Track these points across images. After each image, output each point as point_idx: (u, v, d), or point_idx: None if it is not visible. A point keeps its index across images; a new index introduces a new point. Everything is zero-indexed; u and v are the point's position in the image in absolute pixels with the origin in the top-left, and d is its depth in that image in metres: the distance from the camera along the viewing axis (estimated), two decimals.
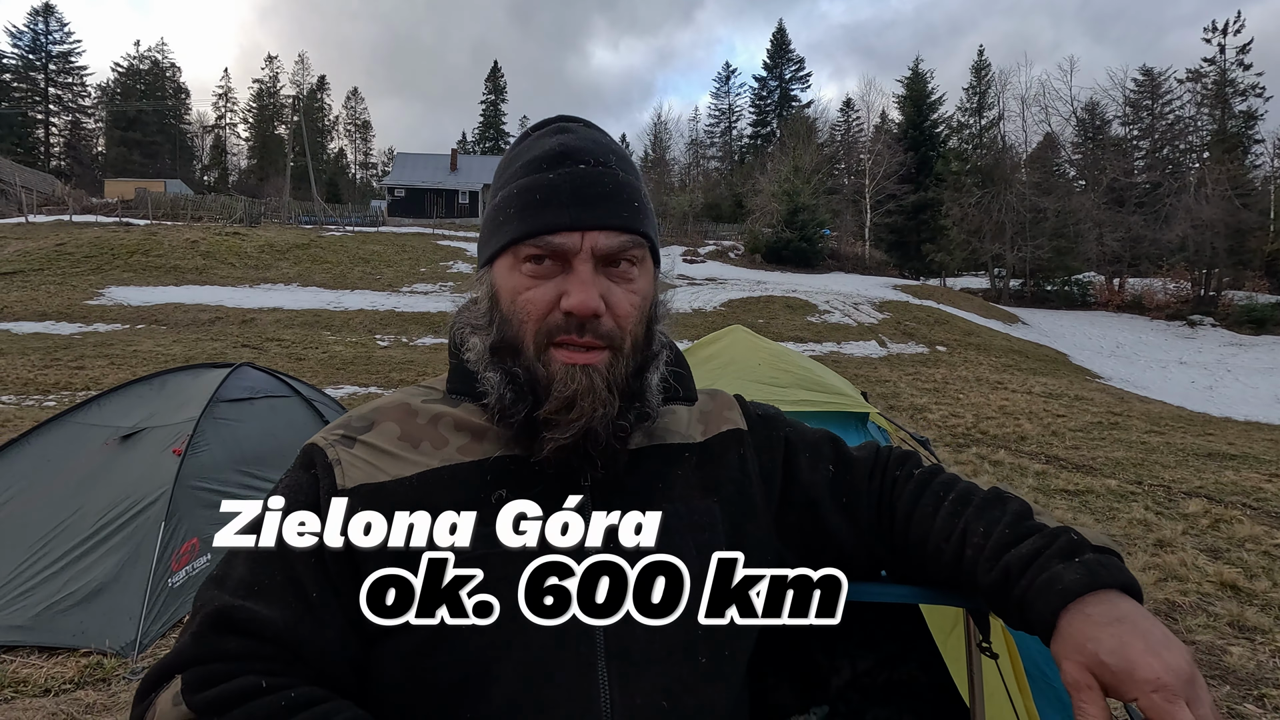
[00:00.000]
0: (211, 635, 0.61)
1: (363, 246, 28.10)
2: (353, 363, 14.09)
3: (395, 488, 0.68)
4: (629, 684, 0.64)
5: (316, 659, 0.63)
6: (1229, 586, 3.99)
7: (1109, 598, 0.62)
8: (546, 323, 0.67)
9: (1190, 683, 0.56)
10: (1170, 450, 8.32)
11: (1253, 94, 35.66)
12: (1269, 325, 26.60)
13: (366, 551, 0.65)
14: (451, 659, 0.63)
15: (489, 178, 52.80)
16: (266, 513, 0.68)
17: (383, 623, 0.64)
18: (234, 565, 0.66)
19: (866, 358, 18.13)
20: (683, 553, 0.70)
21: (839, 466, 0.84)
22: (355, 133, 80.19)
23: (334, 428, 0.73)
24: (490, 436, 0.71)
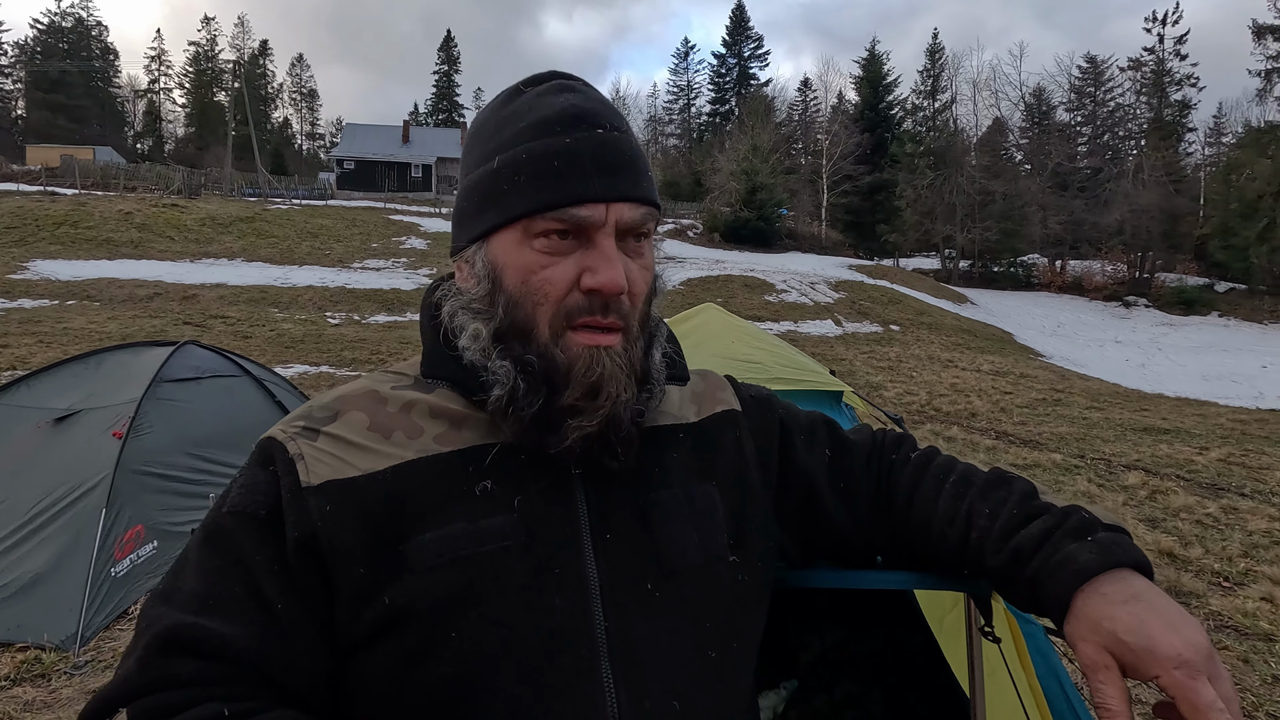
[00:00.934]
0: (160, 659, 0.54)
1: (311, 220, 27.09)
2: (303, 341, 13.63)
3: (367, 483, 0.60)
4: (637, 685, 0.59)
5: (284, 677, 0.56)
6: (1166, 554, 4.21)
7: (1123, 576, 0.61)
8: (565, 304, 0.61)
9: (1210, 659, 0.55)
10: (1109, 425, 8.72)
11: (1188, 84, 37.20)
12: (1197, 306, 28.06)
13: (339, 555, 0.58)
14: (442, 668, 0.57)
15: (443, 150, 50.96)
16: (220, 515, 0.61)
17: (361, 633, 0.58)
18: (183, 577, 0.59)
19: (823, 337, 18.44)
20: (684, 541, 0.65)
21: (835, 450, 0.81)
22: (301, 101, 76.88)
23: (293, 419, 0.65)
24: (470, 424, 0.64)
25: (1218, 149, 41.29)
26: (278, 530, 0.59)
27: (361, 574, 0.58)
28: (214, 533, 0.60)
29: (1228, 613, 3.43)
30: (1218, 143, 42.41)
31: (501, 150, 0.63)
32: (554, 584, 0.59)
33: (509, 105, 0.65)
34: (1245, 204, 29.29)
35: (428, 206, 37.16)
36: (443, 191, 45.47)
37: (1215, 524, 4.81)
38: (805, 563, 0.83)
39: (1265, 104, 33.36)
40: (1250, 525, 4.73)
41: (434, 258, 24.26)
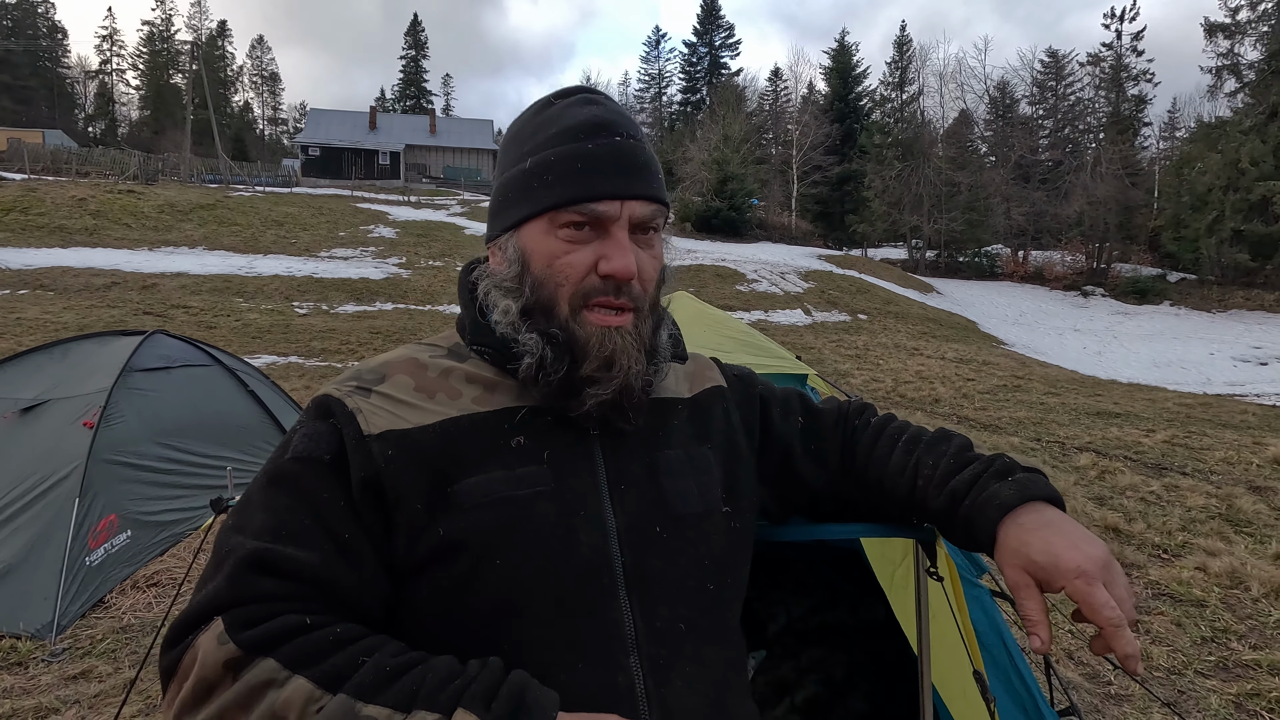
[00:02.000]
0: (249, 577, 0.61)
1: (275, 208, 26.50)
2: (269, 331, 13.41)
3: (419, 435, 0.69)
4: (650, 610, 0.69)
5: (351, 599, 0.65)
6: (1112, 529, 4.45)
7: (1037, 508, 0.72)
8: (583, 285, 0.71)
9: (1106, 567, 0.67)
10: (1065, 410, 9.07)
11: (1144, 79, 38.20)
12: (1150, 296, 29.03)
13: (400, 493, 0.67)
14: (487, 591, 0.66)
15: (411, 137, 49.98)
16: (283, 462, 0.69)
17: (418, 560, 0.67)
18: (253, 514, 0.66)
19: (793, 325, 18.70)
20: (686, 493, 0.76)
21: (807, 418, 0.93)
22: (262, 85, 74.69)
23: (344, 380, 0.74)
24: (502, 389, 0.74)
25: (1171, 143, 42.60)
26: (342, 472, 0.67)
27: (419, 510, 0.67)
28: (280, 476, 0.68)
29: (1165, 581, 3.66)
30: (1171, 137, 43.76)
31: (534, 152, 0.73)
32: (580, 524, 0.69)
33: (541, 114, 0.76)
34: (1196, 197, 30.32)
35: (396, 195, 36.54)
36: (411, 180, 44.72)
37: (1158, 501, 5.09)
38: (782, 519, 0.96)
39: (1216, 100, 34.52)
40: (1189, 502, 5.02)
41: (403, 246, 23.93)
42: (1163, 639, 3.10)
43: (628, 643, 0.68)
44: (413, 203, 34.20)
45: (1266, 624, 3.23)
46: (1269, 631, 3.16)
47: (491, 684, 0.57)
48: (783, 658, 2.51)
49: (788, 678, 2.44)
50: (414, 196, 36.39)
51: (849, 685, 2.38)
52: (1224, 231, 28.86)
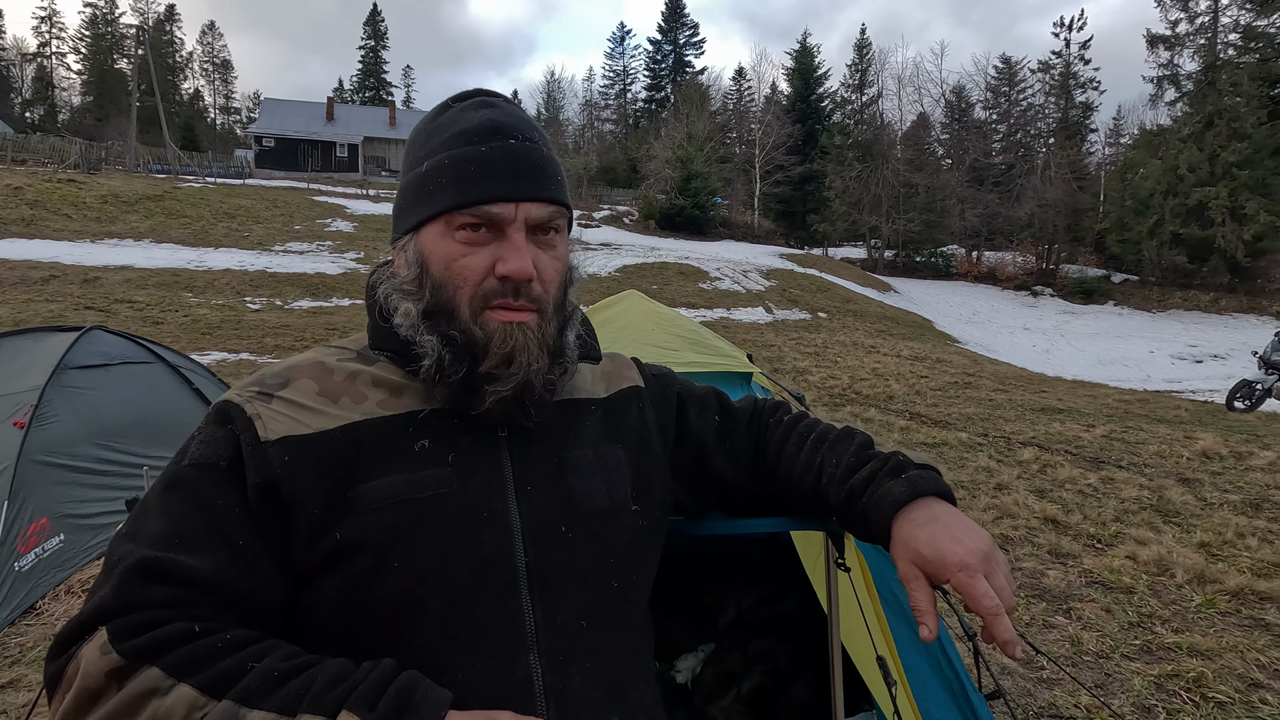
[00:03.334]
0: (136, 585, 0.61)
1: (227, 200, 25.71)
2: (220, 327, 13.02)
3: (319, 439, 0.70)
4: (550, 607, 0.71)
5: (246, 604, 0.65)
6: (1050, 521, 4.63)
7: (927, 503, 0.76)
8: (482, 287, 0.72)
9: (987, 559, 0.70)
10: (1012, 406, 9.37)
11: (1090, 87, 39.63)
12: (1096, 296, 30.16)
13: (296, 498, 0.67)
14: (386, 589, 0.67)
15: (370, 129, 48.83)
16: (180, 468, 0.69)
17: (316, 562, 0.68)
18: (147, 520, 0.66)
19: (754, 323, 18.91)
20: (593, 490, 0.77)
21: (723, 416, 0.95)
22: (214, 73, 72.22)
23: (247, 385, 0.74)
24: (409, 392, 0.75)
25: (1116, 149, 44.25)
26: (238, 478, 0.68)
27: (316, 514, 0.67)
28: (175, 482, 0.68)
29: (1097, 570, 3.83)
30: (1116, 143, 45.47)
31: (430, 156, 0.75)
32: (483, 524, 0.70)
33: (438, 118, 0.77)
34: (1139, 201, 31.59)
35: (354, 188, 35.76)
36: (370, 172, 43.81)
37: (1094, 493, 5.31)
38: (698, 514, 0.98)
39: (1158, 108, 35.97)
40: (1123, 494, 5.24)
41: (361, 241, 23.45)
42: (1093, 625, 3.24)
43: (527, 640, 0.69)
44: (372, 196, 33.50)
45: (1188, 609, 3.40)
46: (1190, 616, 3.34)
47: (379, 684, 0.58)
48: (731, 649, 2.56)
49: (735, 669, 2.49)
50: (373, 190, 35.64)
51: (793, 674, 2.44)
52: (1164, 235, 30.15)
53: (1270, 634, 3.15)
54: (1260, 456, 6.50)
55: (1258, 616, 3.32)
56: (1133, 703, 2.64)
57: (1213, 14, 33.86)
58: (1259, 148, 28.85)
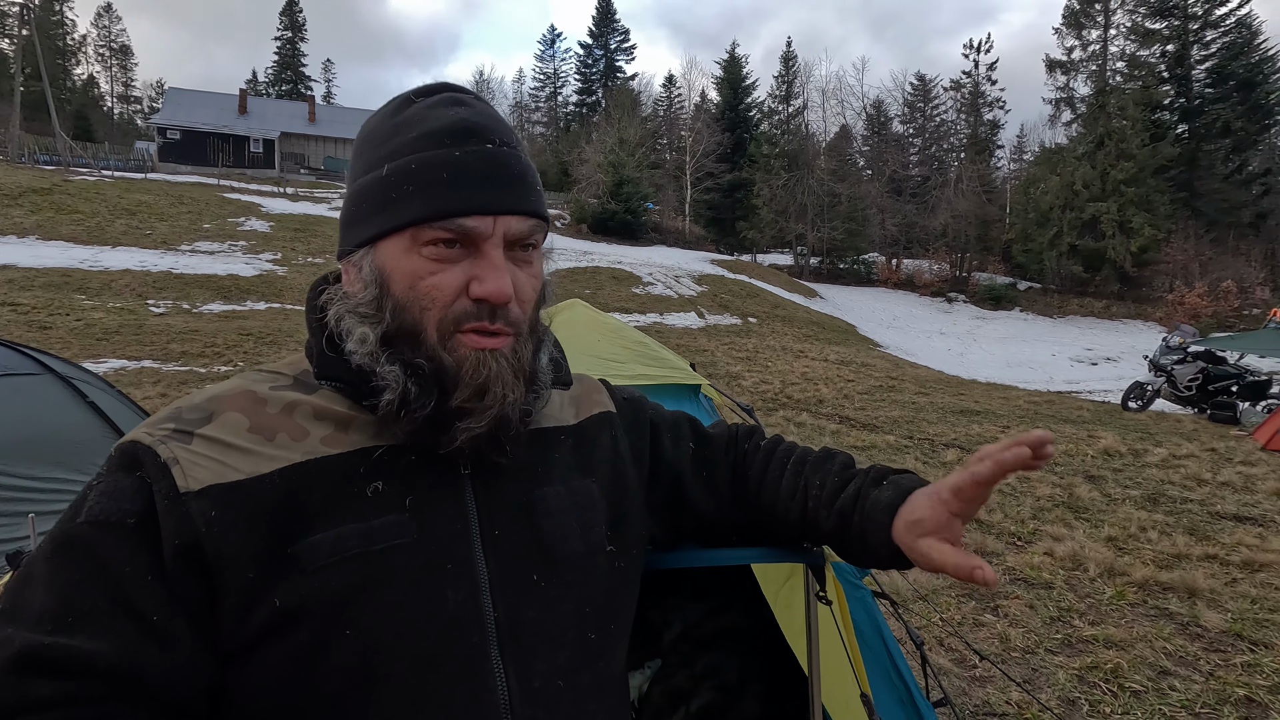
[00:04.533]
0: (19, 681, 0.50)
1: (127, 195, 23.97)
2: (118, 332, 12.08)
3: (252, 486, 0.59)
4: (525, 668, 0.63)
5: (160, 690, 0.54)
6: (975, 520, 4.83)
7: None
8: (452, 310, 0.63)
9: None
10: (933, 409, 9.80)
11: (997, 106, 42.22)
12: (1004, 302, 32.09)
13: (225, 561, 0.57)
14: (337, 662, 0.58)
15: (288, 125, 46.66)
16: (74, 526, 0.57)
17: (249, 636, 0.57)
18: (32, 593, 0.54)
19: (687, 328, 19.10)
20: (567, 532, 0.69)
21: (698, 443, 0.89)
22: (111, 58, 67.23)
23: (159, 422, 0.62)
24: (357, 425, 0.65)
25: (1020, 164, 47.31)
26: (149, 538, 0.56)
27: (250, 579, 0.57)
28: (68, 544, 0.56)
29: (1019, 567, 4.01)
30: (1020, 159, 48.60)
31: (391, 158, 0.64)
32: (447, 578, 0.61)
33: (400, 114, 0.66)
34: (1040, 214, 33.87)
35: (271, 185, 34.04)
36: (288, 170, 41.80)
37: (1012, 492, 5.59)
38: (672, 546, 0.91)
39: (1055, 128, 38.81)
40: (1038, 492, 5.54)
41: (278, 241, 22.32)
42: (1019, 621, 3.39)
43: (499, 708, 0.61)
44: (289, 194, 31.96)
45: (1101, 601, 3.61)
46: (1103, 608, 3.54)
47: None
48: (678, 665, 2.52)
49: (683, 686, 2.45)
50: (291, 188, 34.02)
51: (742, 689, 2.42)
52: (1062, 245, 32.43)
53: (1174, 623, 3.37)
54: (1154, 454, 7.02)
55: (1162, 606, 3.55)
56: (1058, 696, 2.76)
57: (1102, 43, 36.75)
58: (1143, 167, 31.49)
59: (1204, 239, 32.30)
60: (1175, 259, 31.42)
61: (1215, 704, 2.71)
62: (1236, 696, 2.76)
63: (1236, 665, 2.99)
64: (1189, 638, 3.23)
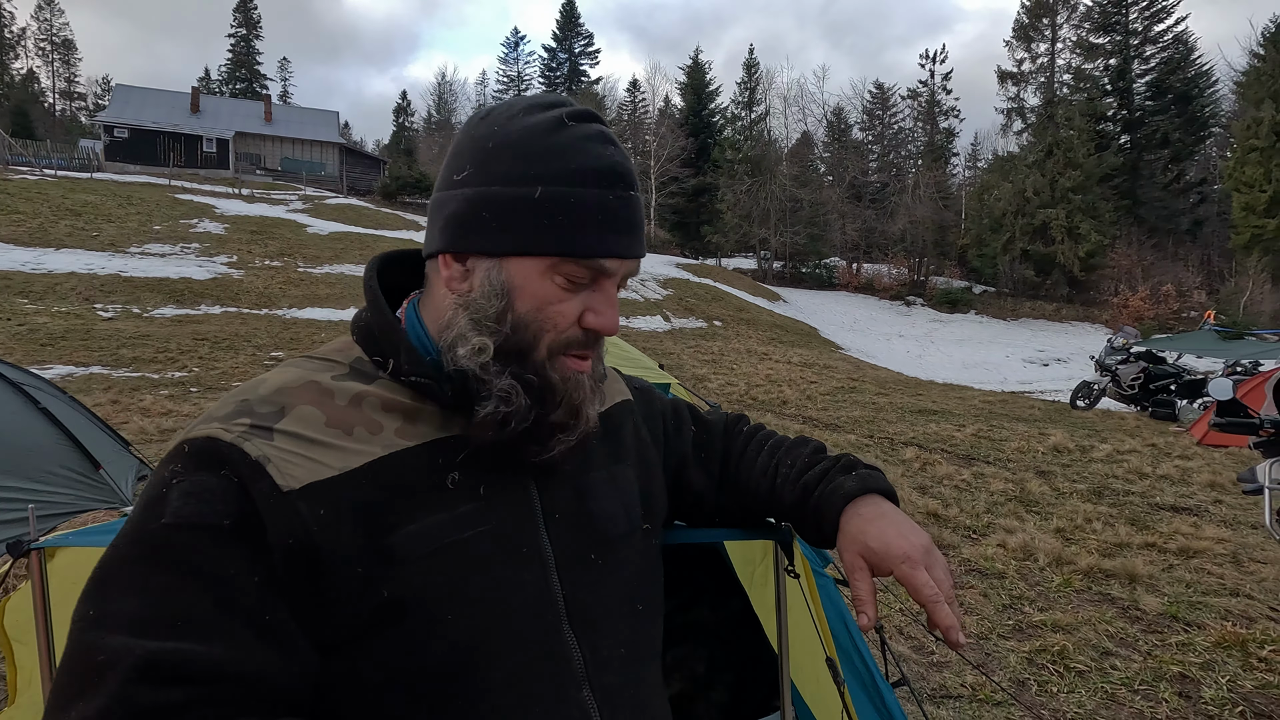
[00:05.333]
0: (143, 690, 0.50)
1: (71, 195, 23.11)
2: (64, 337, 11.66)
3: (347, 482, 0.61)
4: (592, 639, 0.69)
5: (276, 687, 0.56)
6: (932, 515, 5.01)
7: (875, 500, 0.80)
8: (564, 335, 0.67)
9: (928, 553, 0.75)
10: (893, 409, 10.07)
11: (952, 115, 43.50)
12: (960, 305, 33.01)
13: (337, 557, 0.59)
14: (443, 645, 0.61)
15: (243, 124, 45.45)
16: (159, 528, 0.56)
17: (361, 627, 0.60)
18: (125, 601, 0.54)
19: (653, 331, 19.21)
20: (614, 514, 0.76)
21: (699, 428, 0.96)
22: (53, 53, 64.64)
23: (230, 416, 0.61)
24: (423, 416, 0.67)
25: (975, 172, 48.85)
26: (250, 540, 0.57)
27: (359, 573, 0.59)
28: (160, 550, 0.55)
29: (974, 559, 4.18)
30: (975, 166, 50.20)
31: (549, 184, 0.64)
32: (522, 561, 0.66)
33: (556, 136, 0.66)
34: (993, 220, 34.99)
35: (225, 186, 33.15)
36: (243, 170, 40.73)
37: (968, 487, 5.80)
38: (668, 525, 0.96)
39: (1008, 137, 40.17)
40: (992, 487, 5.76)
41: (234, 244, 21.74)
42: (973, 609, 3.54)
43: (578, 676, 0.67)
44: (245, 196, 31.17)
45: (1050, 589, 3.79)
46: (1052, 595, 3.72)
47: None
48: None
49: None
50: (246, 189, 33.18)
51: (710, 680, 2.50)
52: (1015, 250, 33.53)
53: (1115, 607, 3.56)
54: (1100, 449, 7.35)
55: (1105, 592, 3.74)
56: (1009, 677, 2.90)
57: (1050, 56, 38.16)
58: (1089, 175, 32.79)
59: (1146, 245, 33.76)
60: (1120, 264, 32.77)
61: (1152, 680, 2.89)
62: (1172, 673, 2.94)
63: (1172, 645, 3.18)
64: (1129, 620, 3.42)
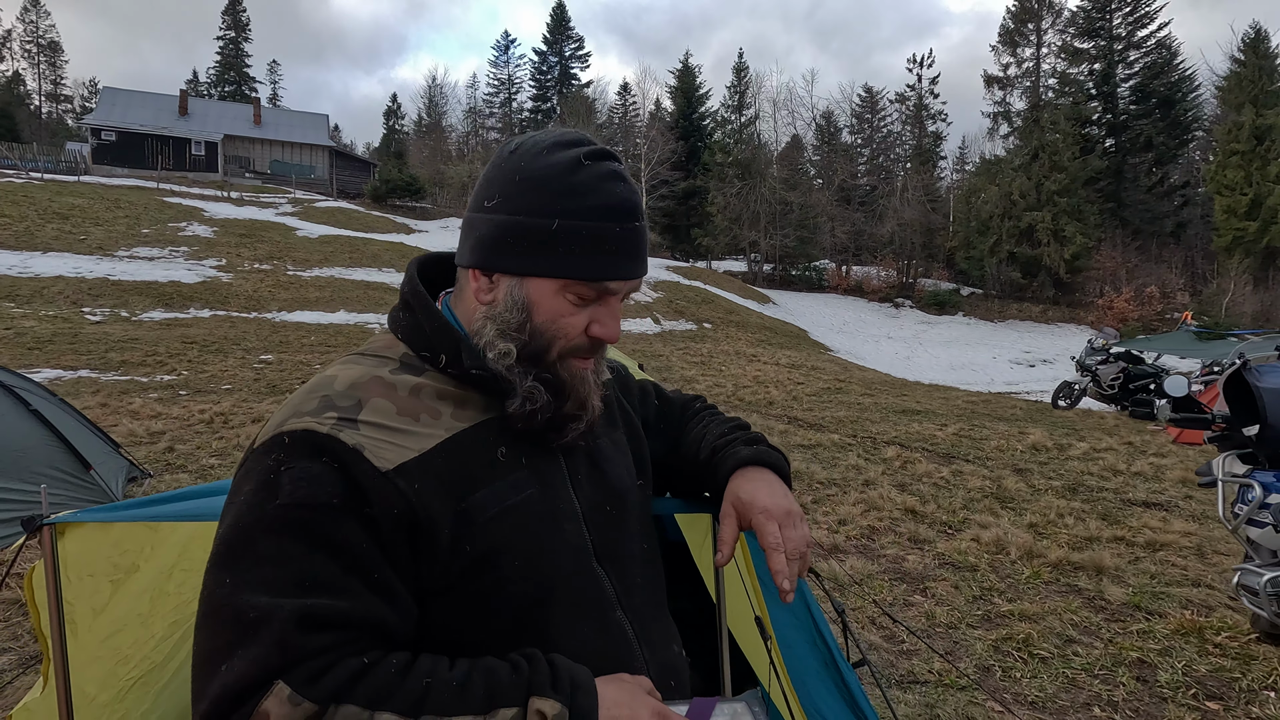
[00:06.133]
0: (299, 637, 0.62)
1: (58, 198, 23.00)
2: (52, 341, 11.64)
3: (429, 461, 0.73)
4: (619, 573, 0.85)
5: (392, 632, 0.69)
6: (910, 511, 5.12)
7: (762, 471, 0.94)
8: (573, 342, 0.80)
9: (788, 514, 0.87)
10: (877, 409, 10.20)
11: (940, 119, 43.87)
12: (948, 307, 33.30)
13: (433, 523, 0.72)
14: (520, 585, 0.76)
15: (231, 127, 45.25)
16: (279, 508, 0.67)
17: (455, 576, 0.74)
18: (262, 569, 0.65)
19: (643, 334, 19.31)
20: (621, 473, 0.91)
21: (661, 403, 1.12)
22: (39, 55, 64.13)
23: (320, 411, 0.72)
24: (469, 403, 0.80)
25: (962, 175, 49.22)
26: (355, 513, 0.68)
27: (448, 534, 0.72)
28: (284, 525, 0.66)
29: (948, 553, 4.30)
30: (962, 169, 50.57)
31: (565, 217, 0.75)
32: (562, 515, 0.81)
33: (576, 175, 0.76)
34: (980, 222, 35.34)
35: (214, 189, 33.03)
36: (232, 173, 40.56)
37: (946, 485, 5.93)
38: None
39: (994, 140, 40.52)
40: (970, 484, 5.89)
41: (223, 247, 21.69)
42: (944, 600, 3.65)
43: (613, 600, 0.82)
44: (234, 199, 31.08)
45: (1020, 581, 3.91)
46: (1021, 586, 3.84)
47: (547, 671, 0.67)
48: None
49: None
50: (236, 192, 33.07)
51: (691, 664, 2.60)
52: (1002, 253, 33.86)
53: (1081, 597, 3.68)
54: (1076, 448, 7.50)
55: (1072, 583, 3.87)
56: (975, 664, 3.01)
57: (1035, 61, 38.58)
58: (1074, 178, 33.18)
59: (1130, 247, 34.19)
60: (1104, 266, 33.17)
61: (1112, 666, 3.00)
62: (1131, 659, 3.06)
63: (1133, 632, 3.30)
64: (1094, 610, 3.54)
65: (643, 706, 0.69)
